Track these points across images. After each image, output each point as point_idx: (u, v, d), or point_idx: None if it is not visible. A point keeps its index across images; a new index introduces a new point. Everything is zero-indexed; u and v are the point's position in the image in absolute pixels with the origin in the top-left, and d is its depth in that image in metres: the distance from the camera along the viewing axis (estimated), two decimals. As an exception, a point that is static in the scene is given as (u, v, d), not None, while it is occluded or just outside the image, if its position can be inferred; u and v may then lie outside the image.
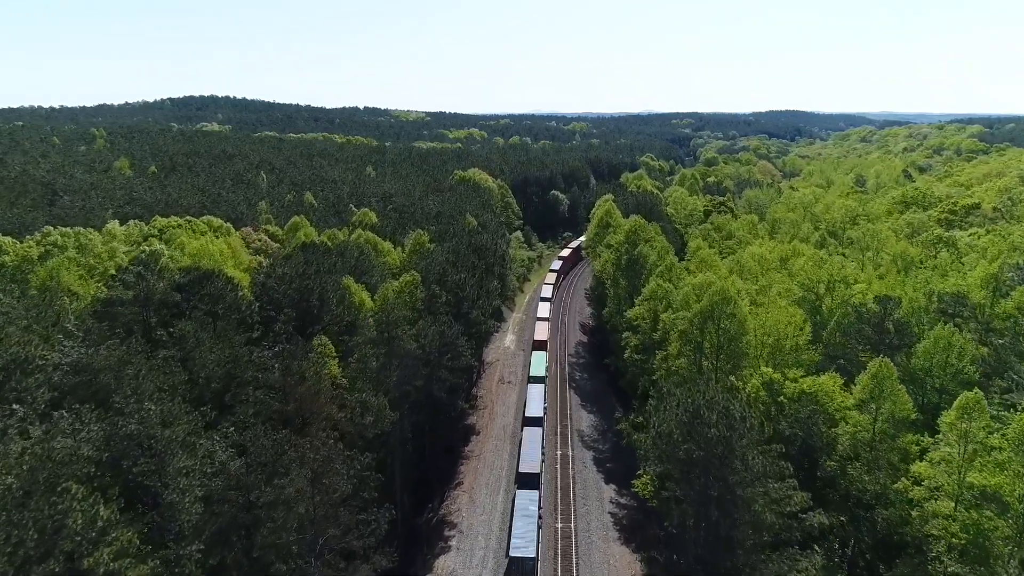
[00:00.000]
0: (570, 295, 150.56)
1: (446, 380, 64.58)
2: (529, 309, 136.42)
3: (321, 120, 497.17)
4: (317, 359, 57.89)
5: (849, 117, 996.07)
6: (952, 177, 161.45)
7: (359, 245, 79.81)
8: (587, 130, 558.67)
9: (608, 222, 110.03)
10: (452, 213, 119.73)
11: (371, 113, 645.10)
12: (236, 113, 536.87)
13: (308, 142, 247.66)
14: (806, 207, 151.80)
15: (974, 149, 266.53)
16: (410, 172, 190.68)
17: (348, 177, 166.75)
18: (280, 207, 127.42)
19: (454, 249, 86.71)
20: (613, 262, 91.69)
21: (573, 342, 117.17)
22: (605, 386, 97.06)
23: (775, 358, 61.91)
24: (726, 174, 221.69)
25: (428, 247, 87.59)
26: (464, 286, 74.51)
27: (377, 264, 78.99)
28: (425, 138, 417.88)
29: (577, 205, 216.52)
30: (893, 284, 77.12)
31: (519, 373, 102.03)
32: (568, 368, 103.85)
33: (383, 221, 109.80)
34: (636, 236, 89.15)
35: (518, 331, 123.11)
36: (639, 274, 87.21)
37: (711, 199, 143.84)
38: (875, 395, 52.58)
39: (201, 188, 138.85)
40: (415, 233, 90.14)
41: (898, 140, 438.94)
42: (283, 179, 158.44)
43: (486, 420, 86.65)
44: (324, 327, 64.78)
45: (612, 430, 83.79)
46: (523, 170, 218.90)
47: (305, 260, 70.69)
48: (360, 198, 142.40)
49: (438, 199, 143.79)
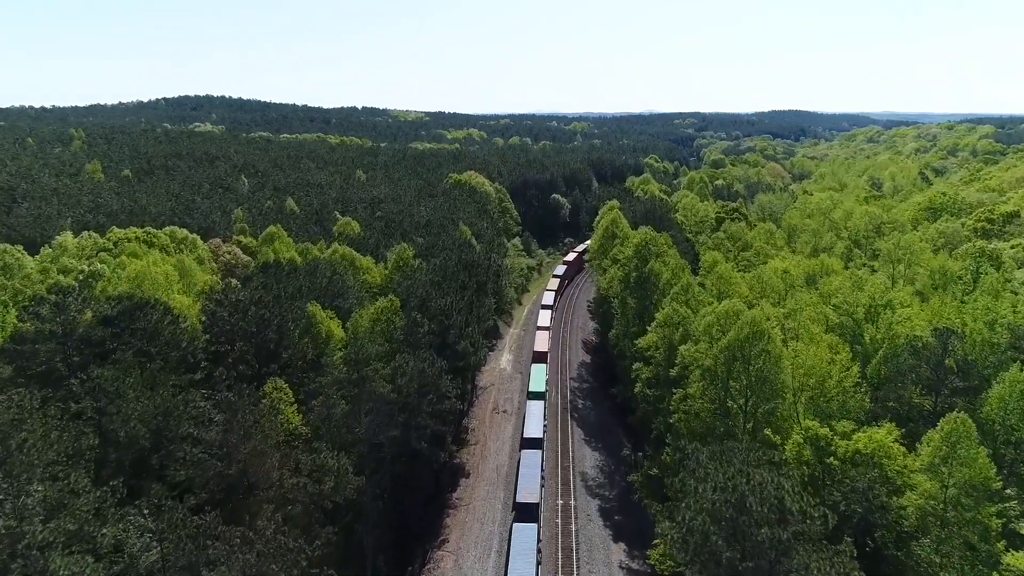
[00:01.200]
0: (572, 307, 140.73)
1: (427, 427, 54.80)
2: (528, 324, 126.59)
3: (317, 120, 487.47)
4: (269, 408, 48.14)
5: (852, 117, 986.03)
6: (982, 181, 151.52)
7: (331, 264, 69.98)
8: (588, 130, 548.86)
9: (614, 232, 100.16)
10: (443, 222, 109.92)
11: (369, 113, 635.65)
12: (231, 113, 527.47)
13: (297, 144, 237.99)
14: (824, 213, 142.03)
15: (991, 150, 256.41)
16: (403, 175, 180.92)
17: (336, 181, 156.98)
18: (258, 214, 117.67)
19: (442, 266, 76.87)
20: (620, 279, 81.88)
21: (575, 363, 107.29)
22: (611, 416, 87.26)
23: (816, 404, 52.11)
24: (734, 176, 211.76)
25: (413, 263, 77.77)
26: (451, 312, 64.69)
27: (353, 285, 69.17)
28: (423, 139, 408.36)
29: (579, 209, 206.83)
30: (946, 310, 67.27)
31: (516, 400, 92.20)
32: (570, 394, 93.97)
33: (367, 232, 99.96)
34: (646, 250, 79.32)
35: (515, 349, 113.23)
36: (650, 294, 77.40)
37: (723, 205, 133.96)
38: (948, 458, 42.82)
39: (175, 194, 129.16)
40: (399, 247, 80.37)
41: (907, 140, 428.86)
42: (266, 183, 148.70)
43: (477, 459, 76.82)
44: (283, 365, 55.03)
45: (620, 471, 74.09)
46: (522, 172, 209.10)
47: (264, 284, 60.86)
48: (346, 204, 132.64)
49: (430, 205, 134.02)
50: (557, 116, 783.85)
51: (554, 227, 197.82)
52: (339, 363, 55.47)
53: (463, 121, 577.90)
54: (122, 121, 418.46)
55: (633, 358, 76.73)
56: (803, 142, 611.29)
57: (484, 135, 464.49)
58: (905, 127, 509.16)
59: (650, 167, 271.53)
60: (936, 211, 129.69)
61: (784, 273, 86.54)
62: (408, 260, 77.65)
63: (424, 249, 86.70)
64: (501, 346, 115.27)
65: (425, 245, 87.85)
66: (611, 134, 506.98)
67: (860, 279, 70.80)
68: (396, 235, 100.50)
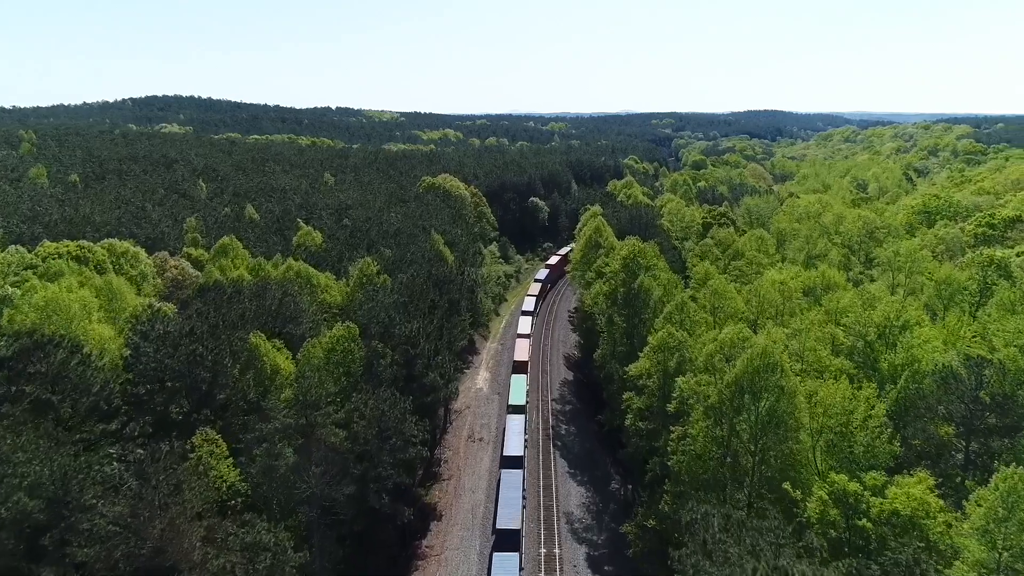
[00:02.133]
0: (554, 315, 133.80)
1: (388, 478, 47.08)
2: (506, 337, 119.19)
3: (289, 121, 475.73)
4: (195, 467, 40.23)
5: (826, 117, 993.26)
6: (974, 183, 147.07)
7: (283, 284, 61.88)
8: (566, 130, 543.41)
9: (597, 241, 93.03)
10: (414, 230, 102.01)
11: (343, 113, 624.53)
12: (200, 114, 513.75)
13: (263, 145, 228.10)
14: (812, 217, 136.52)
15: (971, 151, 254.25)
16: (374, 178, 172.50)
17: (302, 185, 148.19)
18: (213, 223, 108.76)
19: (409, 284, 69.03)
20: (606, 295, 74.77)
21: (557, 381, 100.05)
22: (597, 443, 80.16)
23: (839, 449, 45.35)
24: (717, 178, 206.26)
25: (378, 280, 69.89)
26: (417, 339, 57.03)
27: (308, 307, 61.14)
28: (397, 139, 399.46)
29: (558, 212, 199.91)
30: (962, 329, 61.12)
31: (493, 426, 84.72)
32: (552, 419, 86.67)
33: (329, 243, 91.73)
34: (634, 264, 72.31)
35: (493, 366, 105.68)
36: (640, 312, 70.44)
37: (709, 210, 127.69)
38: (1004, 520, 36.23)
39: (126, 200, 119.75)
40: (362, 261, 72.43)
41: (884, 140, 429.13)
42: (225, 188, 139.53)
43: (450, 497, 69.19)
44: (219, 409, 47.02)
45: (609, 510, 67.02)
46: (499, 175, 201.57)
47: (200, 311, 52.69)
48: (311, 211, 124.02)
49: (401, 211, 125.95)
50: (534, 116, 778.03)
51: (532, 232, 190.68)
52: (287, 403, 47.54)
53: (439, 121, 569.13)
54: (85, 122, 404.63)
55: (622, 384, 69.68)
56: (780, 142, 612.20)
57: (460, 136, 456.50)
58: (881, 127, 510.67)
59: (630, 168, 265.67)
60: (930, 215, 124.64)
61: (781, 285, 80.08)
62: (372, 276, 69.78)
63: (391, 263, 78.79)
64: (477, 362, 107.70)
65: (393, 258, 79.91)
66: (589, 134, 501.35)
67: (871, 296, 64.30)
68: (362, 246, 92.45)
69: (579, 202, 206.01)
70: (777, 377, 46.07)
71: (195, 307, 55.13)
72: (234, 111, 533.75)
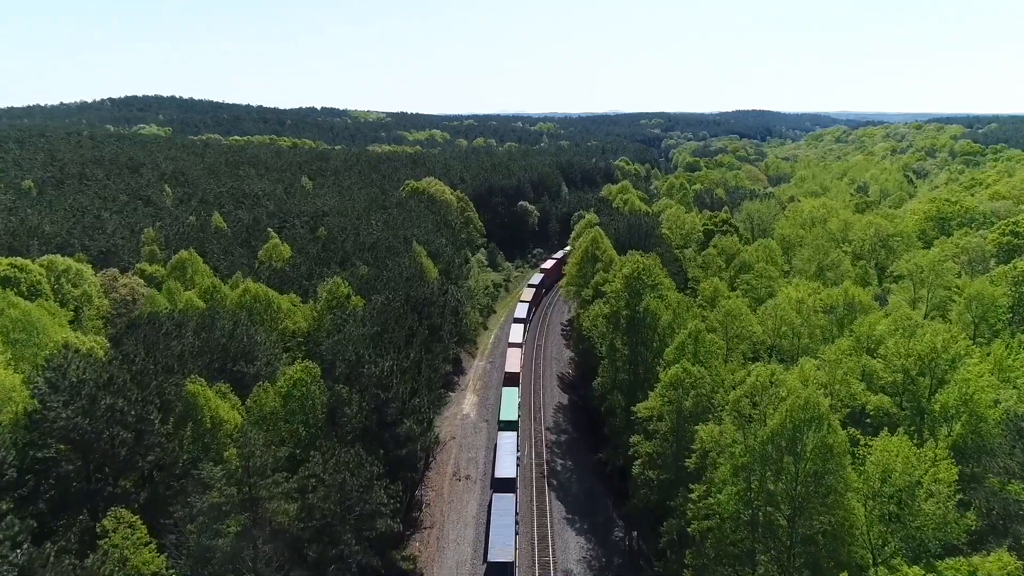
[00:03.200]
0: (547, 327, 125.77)
1: (352, 559, 38.69)
2: (494, 354, 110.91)
3: (271, 121, 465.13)
4: (101, 563, 31.77)
5: (813, 117, 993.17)
6: (987, 187, 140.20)
7: (235, 314, 53.30)
8: (555, 131, 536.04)
9: (594, 254, 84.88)
10: (394, 242, 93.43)
11: (328, 114, 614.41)
12: (180, 114, 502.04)
13: (238, 147, 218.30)
14: (817, 223, 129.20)
15: (970, 151, 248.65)
16: (355, 182, 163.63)
17: (276, 191, 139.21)
18: (175, 234, 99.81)
19: (384, 308, 60.54)
20: (607, 317, 66.64)
21: (550, 405, 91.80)
22: (597, 482, 72.02)
23: (903, 526, 37.42)
24: (713, 181, 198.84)
25: (349, 304, 61.42)
26: (390, 380, 48.60)
27: (265, 341, 52.56)
28: (383, 140, 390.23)
29: (548, 217, 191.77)
30: (1016, 361, 53.52)
31: (481, 459, 76.38)
32: (546, 452, 78.42)
33: (299, 257, 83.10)
34: (638, 282, 64.16)
35: (481, 388, 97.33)
36: (646, 338, 62.41)
37: (710, 216, 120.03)
38: None
39: (81, 209, 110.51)
40: (332, 281, 63.92)
41: (876, 140, 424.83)
42: (194, 194, 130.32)
43: (432, 551, 60.77)
44: (143, 479, 38.51)
45: (613, 564, 58.88)
46: (487, 177, 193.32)
47: (125, 355, 43.97)
48: (284, 218, 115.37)
49: (382, 218, 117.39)
50: (523, 116, 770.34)
51: (522, 237, 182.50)
52: (228, 467, 39.03)
53: (426, 122, 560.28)
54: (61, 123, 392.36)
55: (626, 420, 61.75)
56: (769, 142, 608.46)
57: (447, 136, 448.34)
58: (872, 127, 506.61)
59: (621, 170, 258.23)
60: (944, 221, 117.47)
61: (799, 304, 72.35)
62: (343, 298, 61.33)
63: (366, 282, 70.28)
64: (463, 383, 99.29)
65: (368, 276, 71.35)
66: (578, 135, 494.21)
67: (909, 321, 56.44)
68: (335, 260, 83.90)
69: (570, 206, 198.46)
70: (823, 434, 38.15)
71: (125, 347, 46.42)
72: (215, 111, 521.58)
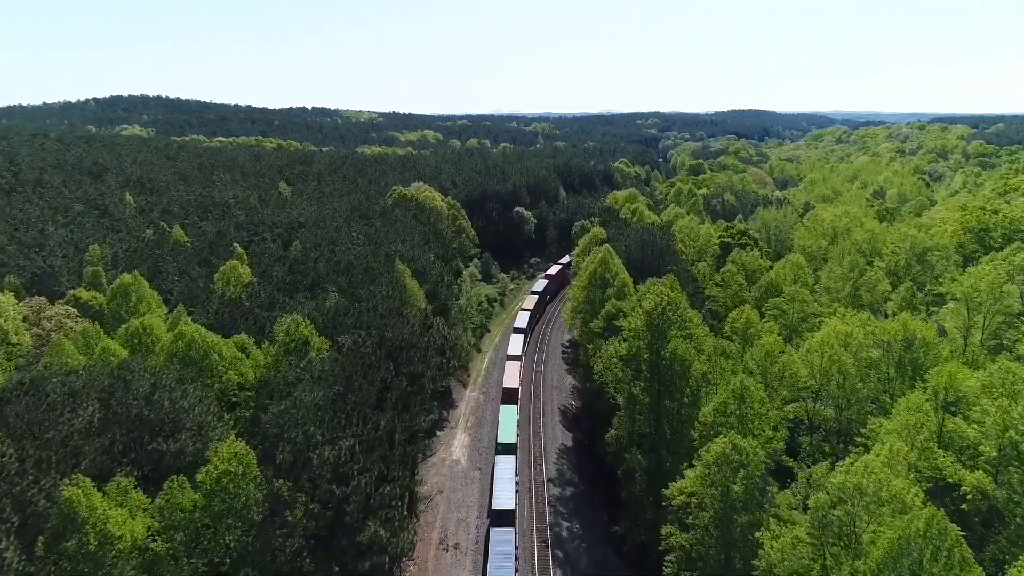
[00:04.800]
0: (547, 344, 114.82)
1: None
2: (488, 382, 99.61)
3: (259, 122, 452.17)
4: None
5: (810, 116, 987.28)
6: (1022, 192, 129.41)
7: (155, 372, 41.63)
8: (550, 131, 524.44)
9: (604, 278, 73.43)
10: (375, 261, 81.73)
11: (319, 114, 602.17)
12: (166, 114, 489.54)
13: (216, 150, 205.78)
14: (841, 234, 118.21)
15: (984, 153, 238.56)
16: (338, 188, 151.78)
17: (250, 198, 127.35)
18: (127, 250, 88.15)
19: (350, 358, 48.83)
20: (623, 359, 55.30)
21: (553, 448, 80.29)
22: (612, 553, 60.55)
23: None
24: (719, 184, 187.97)
25: (309, 349, 49.92)
26: (349, 469, 36.93)
27: (195, 406, 40.97)
28: (373, 141, 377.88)
29: (546, 224, 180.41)
30: None
31: (473, 521, 64.88)
32: (549, 512, 66.87)
33: (260, 282, 71.42)
34: (662, 319, 52.82)
35: (474, 425, 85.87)
36: (673, 390, 51.13)
37: (727, 227, 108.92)
38: None
39: (25, 221, 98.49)
40: (291, 319, 52.44)
41: (878, 141, 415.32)
42: (157, 203, 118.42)
43: (413, 653, 49.33)
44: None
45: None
46: (480, 181, 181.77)
47: None
48: (255, 231, 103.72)
49: (365, 230, 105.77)
50: (517, 116, 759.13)
51: (518, 246, 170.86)
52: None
53: (418, 122, 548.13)
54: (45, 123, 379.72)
55: (649, 487, 50.64)
56: (768, 142, 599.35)
57: (440, 137, 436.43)
58: (873, 127, 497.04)
59: (621, 172, 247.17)
60: (984, 232, 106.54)
61: (846, 339, 61.24)
62: (301, 342, 49.88)
63: (334, 317, 58.75)
64: (454, 419, 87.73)
65: (337, 309, 59.73)
66: (574, 135, 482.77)
67: (1012, 376, 45.14)
68: (304, 285, 72.34)
69: (569, 211, 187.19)
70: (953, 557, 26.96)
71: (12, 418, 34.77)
72: (202, 111, 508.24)
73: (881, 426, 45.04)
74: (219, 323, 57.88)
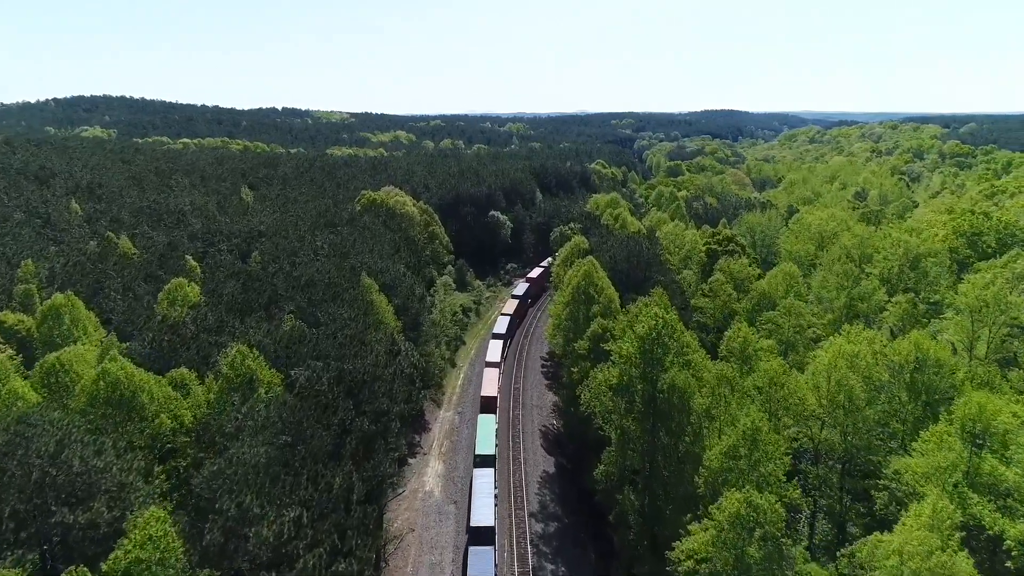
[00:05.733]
0: (527, 355, 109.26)
1: None
2: (464, 399, 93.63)
3: (226, 123, 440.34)
4: None
5: (782, 116, 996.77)
6: (1013, 196, 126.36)
7: (61, 427, 34.73)
8: (525, 131, 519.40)
9: (589, 293, 67.61)
10: (339, 276, 74.99)
11: (289, 114, 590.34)
12: (129, 115, 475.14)
13: (176, 153, 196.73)
14: (827, 239, 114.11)
15: (960, 153, 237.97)
16: (304, 193, 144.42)
17: (208, 205, 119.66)
18: (66, 264, 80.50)
19: (300, 402, 42.13)
20: (614, 389, 49.52)
21: (534, 477, 74.13)
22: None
23: None
24: (699, 186, 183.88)
25: (256, 387, 43.38)
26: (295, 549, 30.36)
27: (112, 465, 34.24)
28: (344, 142, 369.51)
29: (523, 228, 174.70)
30: None
31: (448, 568, 58.63)
32: (532, 556, 60.84)
33: (209, 301, 64.46)
34: (658, 344, 47.11)
35: (448, 451, 79.68)
36: (672, 426, 45.51)
37: (712, 233, 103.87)
38: None
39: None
40: (235, 350, 45.77)
41: (851, 140, 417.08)
42: (108, 210, 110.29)
43: None
44: None
45: None
46: (454, 184, 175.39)
47: None
48: (211, 241, 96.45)
49: (330, 239, 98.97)
50: (491, 117, 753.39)
51: (493, 251, 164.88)
52: None
53: (391, 123, 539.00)
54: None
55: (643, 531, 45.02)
56: (741, 142, 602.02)
57: (413, 138, 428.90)
58: (847, 127, 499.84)
59: (598, 174, 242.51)
60: (977, 237, 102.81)
61: (851, 360, 56.28)
62: (245, 380, 43.36)
63: (291, 343, 52.19)
64: (427, 444, 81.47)
65: (292, 336, 53.08)
66: (549, 135, 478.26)
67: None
68: (260, 304, 65.54)
69: (546, 215, 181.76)
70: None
71: None
72: (167, 112, 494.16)
73: (908, 470, 39.83)
74: (157, 353, 51.02)
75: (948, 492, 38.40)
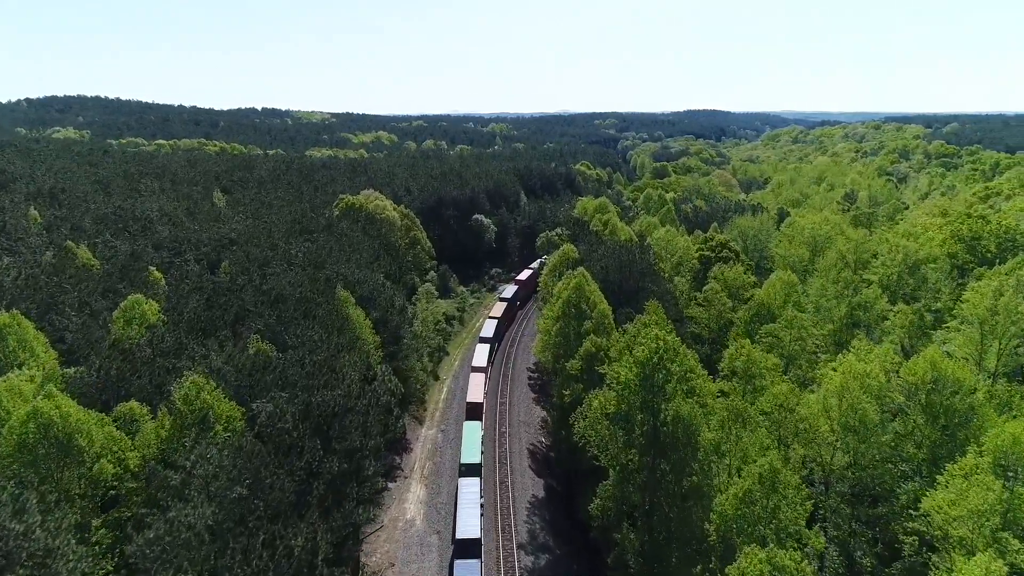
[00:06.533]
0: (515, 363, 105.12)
1: None
2: (448, 414, 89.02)
3: (203, 123, 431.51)
4: None
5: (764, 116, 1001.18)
6: (1009, 198, 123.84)
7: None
8: (508, 132, 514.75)
9: (580, 307, 63.14)
10: (312, 289, 70.11)
11: (269, 115, 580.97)
12: (103, 116, 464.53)
13: (147, 155, 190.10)
14: (820, 243, 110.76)
15: (946, 153, 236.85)
16: (280, 197, 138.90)
17: (178, 211, 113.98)
18: (16, 279, 74.77)
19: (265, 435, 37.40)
20: (611, 418, 45.18)
21: (523, 503, 69.46)
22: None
23: None
24: (686, 188, 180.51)
25: (215, 421, 38.61)
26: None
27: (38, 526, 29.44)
28: (324, 143, 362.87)
29: (507, 232, 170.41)
30: None
31: (431, 606, 54.05)
32: None
33: (169, 319, 59.34)
34: (660, 369, 42.84)
35: (431, 474, 74.99)
36: (676, 459, 41.26)
37: (705, 239, 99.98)
38: None
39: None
40: (189, 381, 40.92)
41: (835, 140, 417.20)
42: (68, 217, 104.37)
43: None
44: None
45: None
46: (437, 187, 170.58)
47: None
48: (178, 250, 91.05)
49: (305, 247, 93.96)
50: (474, 117, 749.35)
51: (477, 256, 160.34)
52: None
53: (372, 123, 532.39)
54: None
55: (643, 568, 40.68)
56: (724, 142, 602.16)
57: (395, 138, 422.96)
58: (830, 127, 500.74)
59: (582, 175, 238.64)
60: (976, 241, 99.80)
61: (862, 380, 52.42)
62: (201, 413, 38.55)
63: (254, 371, 47.32)
64: (408, 467, 76.73)
65: (256, 363, 48.11)
66: (533, 136, 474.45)
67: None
68: (225, 322, 60.50)
69: (531, 218, 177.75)
70: None
71: None
72: (142, 112, 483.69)
73: (941, 511, 35.86)
74: (105, 382, 45.93)
75: (985, 537, 34.58)
